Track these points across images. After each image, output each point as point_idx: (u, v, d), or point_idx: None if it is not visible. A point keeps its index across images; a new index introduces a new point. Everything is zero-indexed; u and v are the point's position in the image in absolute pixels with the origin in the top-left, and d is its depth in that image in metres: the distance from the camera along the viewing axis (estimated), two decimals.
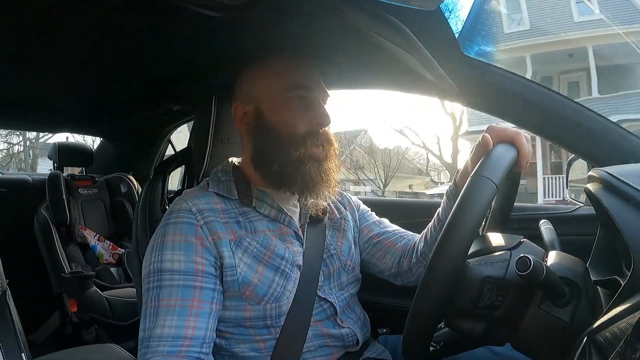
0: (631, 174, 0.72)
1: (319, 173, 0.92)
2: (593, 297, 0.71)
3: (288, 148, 0.91)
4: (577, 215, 1.27)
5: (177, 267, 0.84)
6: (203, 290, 0.84)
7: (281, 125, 0.93)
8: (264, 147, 0.94)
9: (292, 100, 0.93)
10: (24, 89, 1.67)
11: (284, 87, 0.93)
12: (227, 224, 0.91)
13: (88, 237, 2.49)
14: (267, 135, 0.93)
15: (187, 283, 0.83)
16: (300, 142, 0.91)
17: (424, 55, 0.92)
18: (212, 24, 1.00)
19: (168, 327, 0.80)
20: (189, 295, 0.83)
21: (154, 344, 0.79)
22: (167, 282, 0.84)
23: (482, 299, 0.72)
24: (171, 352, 0.78)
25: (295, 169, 0.91)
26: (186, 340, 0.80)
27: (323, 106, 0.95)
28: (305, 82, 0.95)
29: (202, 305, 0.83)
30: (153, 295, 0.84)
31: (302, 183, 0.92)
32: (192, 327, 0.81)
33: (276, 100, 0.94)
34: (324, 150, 0.94)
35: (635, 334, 0.45)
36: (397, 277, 1.08)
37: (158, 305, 0.82)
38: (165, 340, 0.79)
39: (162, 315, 0.81)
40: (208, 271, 0.86)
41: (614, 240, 0.79)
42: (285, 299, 0.90)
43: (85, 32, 1.11)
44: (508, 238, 0.81)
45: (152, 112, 2.13)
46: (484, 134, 0.82)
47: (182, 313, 0.81)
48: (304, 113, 0.93)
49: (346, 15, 0.84)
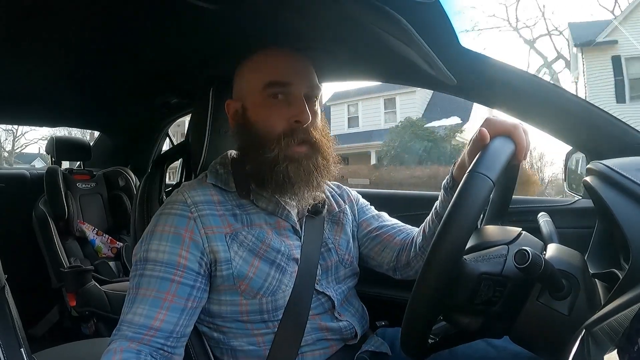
0: (630, 166, 0.72)
1: (297, 172, 0.89)
2: (591, 290, 0.72)
3: (263, 148, 0.89)
4: (575, 208, 1.27)
5: (161, 257, 0.85)
6: (180, 286, 0.84)
7: (260, 125, 0.91)
8: (244, 147, 0.94)
9: (269, 98, 0.91)
10: (20, 83, 1.66)
11: (261, 85, 0.91)
12: (224, 217, 0.91)
13: (86, 231, 2.49)
14: (248, 135, 0.92)
15: (166, 275, 0.84)
16: (276, 141, 0.89)
17: (422, 47, 0.91)
18: (209, 16, 0.99)
19: (139, 315, 0.82)
20: (165, 288, 0.83)
21: (124, 327, 0.82)
22: (149, 272, 0.85)
23: (479, 295, 0.72)
24: (134, 338, 0.80)
25: (269, 170, 0.89)
26: (151, 330, 0.81)
27: (303, 102, 0.90)
28: (284, 78, 0.91)
29: (176, 300, 0.84)
30: (134, 283, 0.86)
31: (277, 183, 0.89)
32: (160, 320, 0.82)
33: (255, 98, 0.92)
34: (306, 148, 0.91)
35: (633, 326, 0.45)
36: (396, 271, 1.08)
37: (136, 293, 0.84)
38: (133, 327, 0.81)
39: (137, 303, 0.83)
40: (190, 267, 0.86)
41: (612, 233, 0.79)
42: (281, 292, 0.90)
43: (82, 24, 1.10)
44: (506, 231, 0.81)
45: (149, 105, 2.11)
46: (480, 128, 0.81)
47: (154, 304, 0.82)
48: (281, 110, 0.90)
49: (344, 7, 0.84)
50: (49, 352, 1.29)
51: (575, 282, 0.70)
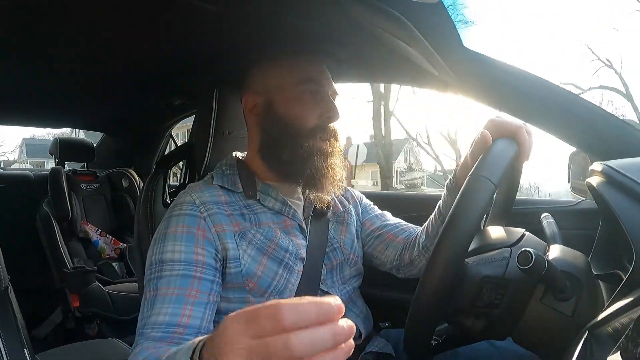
0: (634, 167, 0.71)
1: (325, 167, 0.93)
2: (594, 291, 0.71)
3: (297, 140, 0.92)
4: (579, 209, 1.26)
5: (178, 257, 0.84)
6: (202, 281, 0.84)
7: (292, 118, 0.93)
8: (274, 138, 0.95)
9: (304, 93, 0.94)
10: (24, 84, 1.67)
11: (296, 81, 0.94)
12: (232, 216, 0.91)
13: (90, 232, 2.50)
14: (277, 127, 0.94)
15: (186, 273, 0.83)
16: (309, 135, 0.92)
17: (425, 48, 0.91)
18: (214, 18, 0.99)
19: (163, 314, 0.79)
20: (188, 284, 0.82)
21: (148, 330, 0.79)
22: (167, 272, 0.83)
23: (482, 297, 0.72)
24: (163, 337, 0.77)
25: (303, 161, 0.92)
26: (180, 327, 0.79)
27: (332, 101, 0.96)
28: (317, 77, 0.96)
29: (200, 296, 0.83)
30: (152, 285, 0.84)
31: (309, 175, 0.92)
32: (187, 316, 0.80)
33: (287, 93, 0.95)
34: (331, 145, 0.95)
35: (636, 328, 0.45)
36: (399, 270, 1.08)
37: (156, 294, 0.82)
38: (159, 327, 0.78)
39: (159, 303, 0.81)
40: (208, 262, 0.86)
41: (615, 235, 0.79)
42: (288, 291, 0.91)
43: (86, 26, 1.11)
44: (509, 232, 0.81)
45: (153, 106, 2.12)
46: (483, 130, 0.81)
47: (179, 301, 0.81)
48: (314, 107, 0.94)
49: (348, 9, 0.84)
50: (52, 352, 1.29)
51: (578, 283, 0.70)
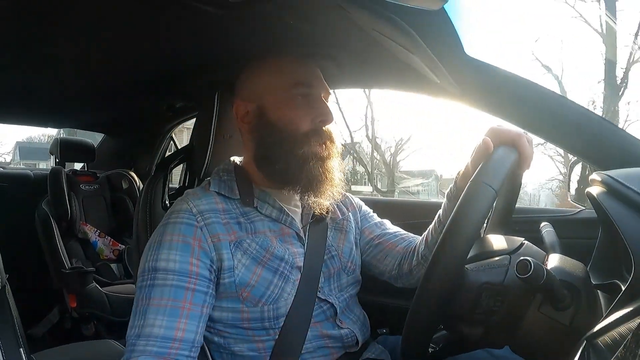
0: (634, 177, 0.71)
1: (322, 171, 0.91)
2: (593, 301, 0.71)
3: (292, 146, 0.90)
4: (578, 219, 1.26)
5: (172, 266, 0.83)
6: (195, 293, 0.83)
7: (284, 123, 0.92)
8: (267, 146, 0.93)
9: (295, 97, 0.92)
10: (26, 84, 1.67)
11: (286, 85, 0.93)
12: (228, 225, 0.91)
13: (89, 233, 2.49)
14: (270, 134, 0.93)
15: (180, 284, 0.82)
16: (303, 140, 0.91)
17: (427, 55, 0.91)
18: (216, 21, 0.99)
19: (158, 327, 0.79)
20: (181, 296, 0.82)
21: (142, 342, 0.78)
22: (160, 282, 0.82)
23: (480, 304, 0.72)
24: (160, 353, 0.77)
25: (299, 167, 0.90)
26: (176, 342, 0.78)
27: (325, 103, 0.94)
28: (308, 80, 0.94)
29: (194, 308, 0.82)
30: (145, 293, 0.83)
31: (306, 181, 0.91)
32: (182, 330, 0.79)
33: (279, 98, 0.93)
34: (327, 149, 0.93)
35: (635, 339, 0.45)
36: (398, 279, 1.08)
37: (149, 304, 0.81)
38: (154, 340, 0.78)
39: (152, 314, 0.80)
40: (202, 274, 0.85)
41: (615, 244, 0.79)
42: (283, 300, 0.90)
43: (88, 27, 1.11)
44: (509, 240, 0.81)
45: (154, 108, 2.13)
46: (484, 137, 0.82)
47: (173, 314, 0.80)
48: (306, 110, 0.92)
49: (350, 14, 0.84)
50: (48, 352, 1.29)
51: (577, 292, 0.70)
